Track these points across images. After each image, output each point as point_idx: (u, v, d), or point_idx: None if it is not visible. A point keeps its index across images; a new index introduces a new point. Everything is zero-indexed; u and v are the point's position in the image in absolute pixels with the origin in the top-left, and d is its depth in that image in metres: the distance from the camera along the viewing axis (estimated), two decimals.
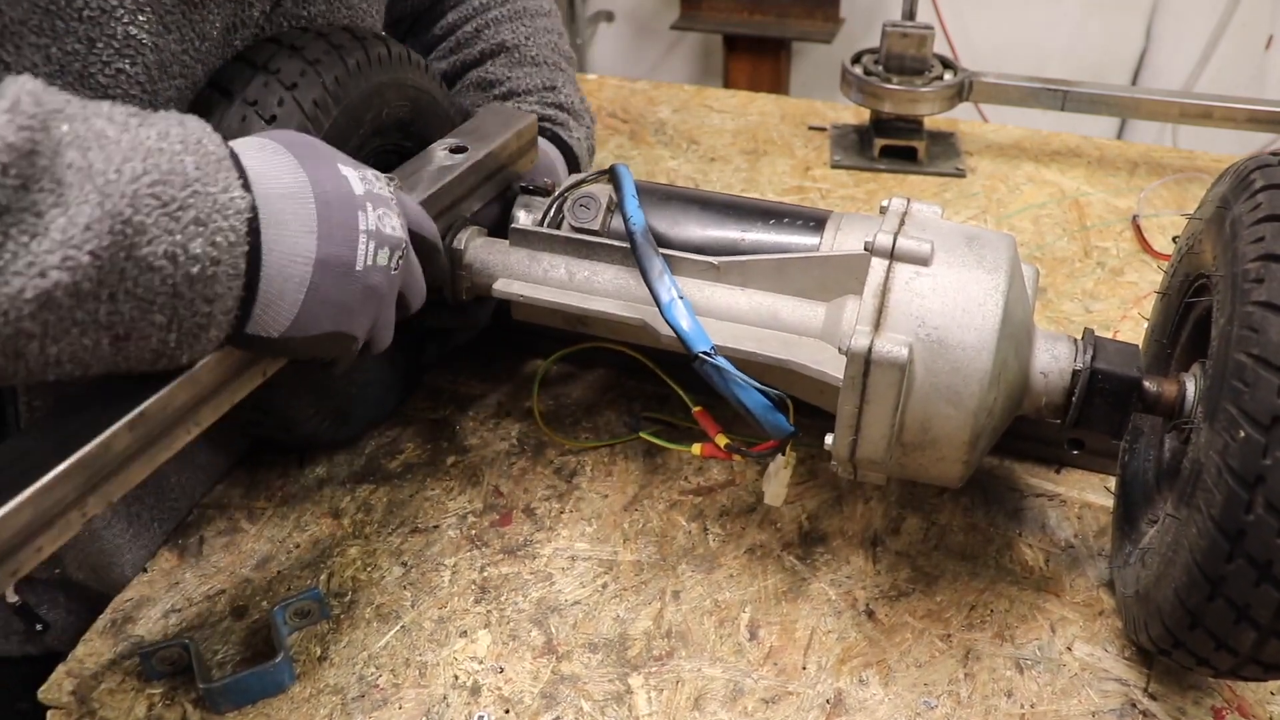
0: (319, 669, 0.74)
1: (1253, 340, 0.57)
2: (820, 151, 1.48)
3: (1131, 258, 1.23)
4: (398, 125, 0.87)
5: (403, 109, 0.87)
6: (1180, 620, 0.62)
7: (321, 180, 0.62)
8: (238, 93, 0.73)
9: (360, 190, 0.65)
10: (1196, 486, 0.60)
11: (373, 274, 0.64)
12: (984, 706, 0.72)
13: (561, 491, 0.90)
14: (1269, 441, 0.55)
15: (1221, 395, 0.59)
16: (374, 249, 0.64)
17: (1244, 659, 0.61)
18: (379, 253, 0.65)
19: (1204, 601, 0.60)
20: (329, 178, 0.63)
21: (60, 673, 0.74)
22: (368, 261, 0.63)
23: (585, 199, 0.84)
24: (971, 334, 0.69)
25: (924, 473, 0.74)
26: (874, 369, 0.68)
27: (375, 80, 0.82)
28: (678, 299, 0.73)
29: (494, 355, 1.07)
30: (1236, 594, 0.58)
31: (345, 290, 0.62)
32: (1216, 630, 0.60)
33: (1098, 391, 0.72)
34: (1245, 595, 0.58)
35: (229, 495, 0.89)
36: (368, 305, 0.66)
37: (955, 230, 0.74)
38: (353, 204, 0.63)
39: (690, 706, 0.72)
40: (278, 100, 0.74)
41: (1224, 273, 0.64)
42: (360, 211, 0.63)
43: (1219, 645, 0.61)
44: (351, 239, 0.62)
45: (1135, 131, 2.80)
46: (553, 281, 0.82)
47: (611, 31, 3.43)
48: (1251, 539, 0.56)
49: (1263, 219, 0.61)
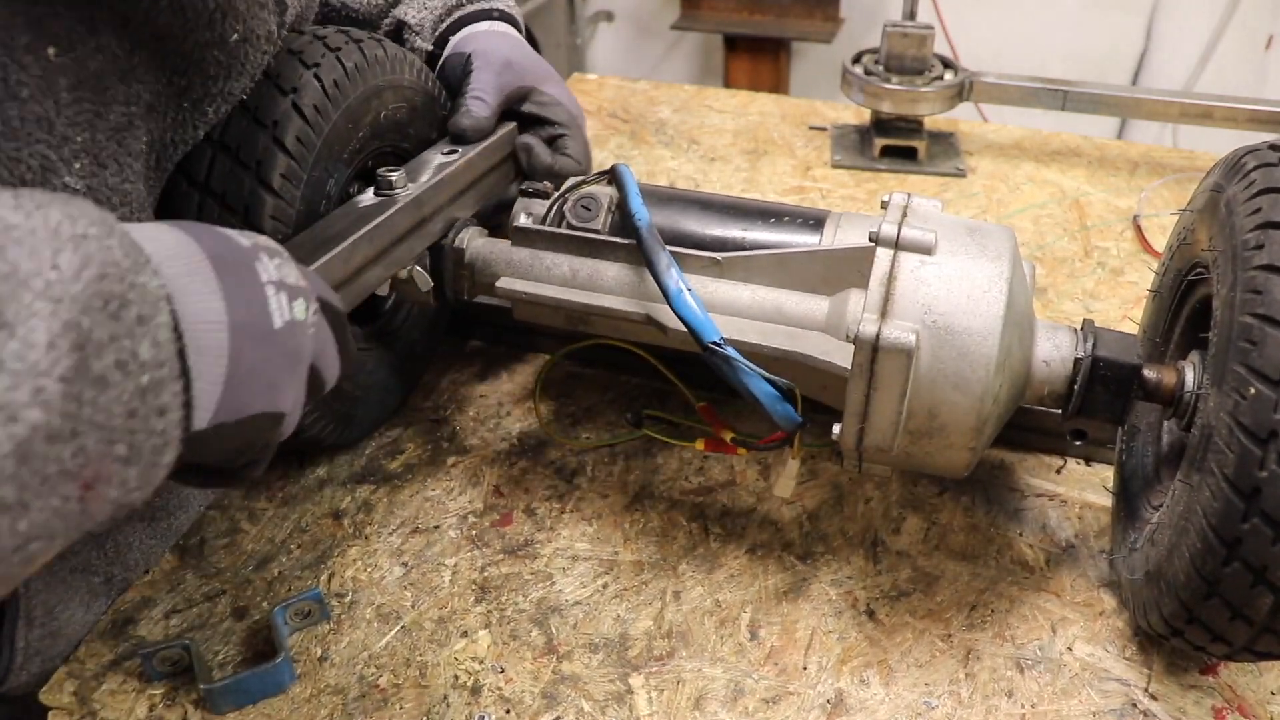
0: (319, 669, 0.74)
1: (1257, 301, 0.59)
2: (821, 151, 1.48)
3: (1132, 258, 1.23)
4: (395, 127, 0.87)
5: (400, 110, 0.87)
6: (1195, 591, 0.62)
7: (200, 235, 0.50)
8: None
9: (247, 243, 0.53)
10: (1207, 450, 0.60)
11: (295, 332, 0.53)
12: (984, 706, 0.72)
13: (562, 491, 0.90)
14: (1279, 397, 0.56)
15: (1229, 358, 0.60)
16: (286, 301, 0.52)
17: (1260, 629, 0.61)
18: (294, 305, 0.53)
19: (1219, 566, 0.59)
20: (205, 232, 0.51)
21: (61, 674, 0.74)
22: (285, 317, 0.52)
23: (587, 200, 0.84)
24: (977, 320, 0.69)
25: (930, 461, 0.74)
26: (881, 355, 0.68)
27: (374, 83, 0.83)
28: (686, 291, 0.73)
29: (494, 355, 1.07)
30: (1253, 555, 0.58)
31: (268, 357, 0.50)
32: (1233, 598, 0.60)
33: (1099, 379, 0.73)
34: (1262, 556, 0.57)
35: (229, 496, 0.89)
36: (296, 371, 0.53)
37: (956, 222, 0.75)
38: (245, 254, 0.52)
39: (691, 706, 0.72)
40: (277, 106, 0.75)
41: (1222, 248, 0.66)
42: (256, 262, 0.52)
43: (1235, 615, 0.61)
44: (259, 295, 0.51)
45: (1135, 131, 2.80)
46: (556, 279, 0.82)
47: (611, 31, 3.43)
48: (1267, 496, 0.56)
49: (1258, 193, 0.63)
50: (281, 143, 0.75)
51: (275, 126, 0.75)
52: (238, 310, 0.48)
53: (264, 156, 0.74)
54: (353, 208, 0.79)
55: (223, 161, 0.74)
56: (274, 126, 0.75)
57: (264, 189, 0.74)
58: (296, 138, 0.76)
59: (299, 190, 0.77)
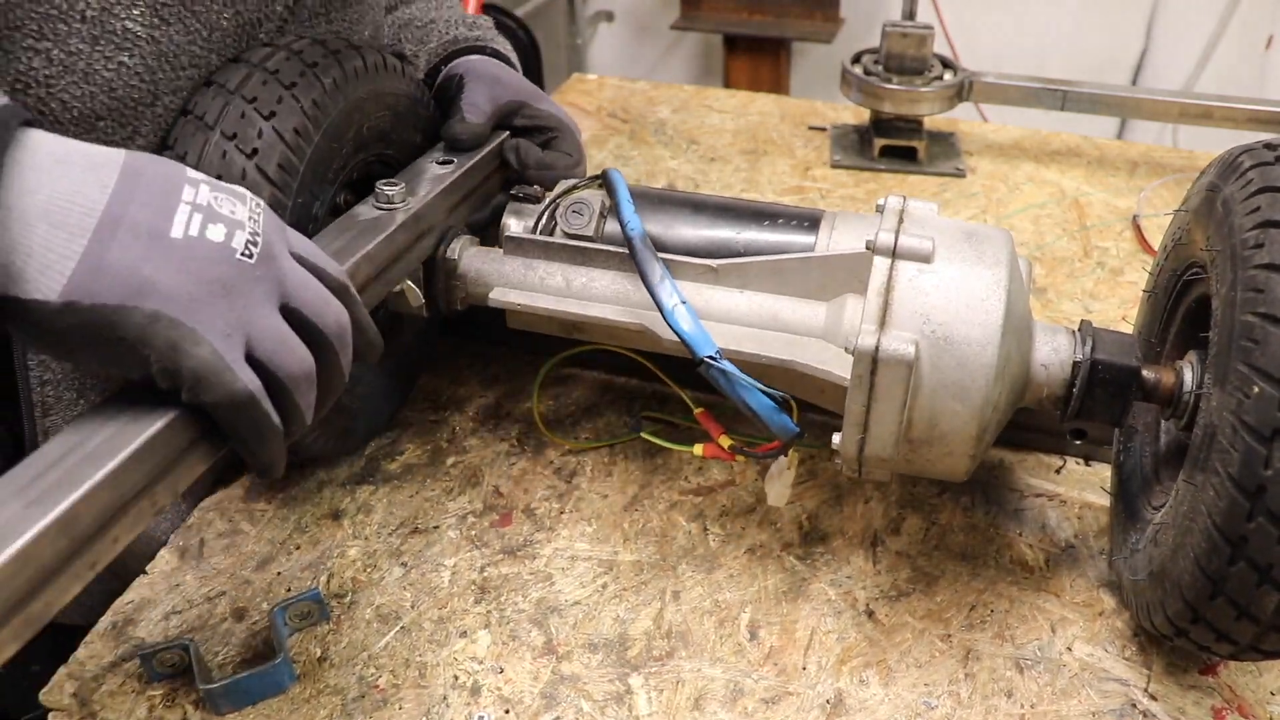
0: (319, 670, 0.74)
1: (1259, 300, 0.59)
2: (820, 151, 1.48)
3: (1131, 258, 1.23)
4: (379, 136, 0.85)
5: (383, 119, 0.84)
6: (1200, 590, 0.62)
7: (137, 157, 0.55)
8: (215, 124, 0.71)
9: (193, 174, 0.57)
10: (1211, 449, 0.60)
11: (199, 249, 0.55)
12: (984, 706, 0.72)
13: (561, 492, 0.90)
14: None
15: (1231, 357, 0.60)
16: (201, 221, 0.55)
17: (1266, 627, 0.61)
18: (209, 227, 0.55)
19: (1224, 566, 0.59)
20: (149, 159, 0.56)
21: (61, 675, 0.74)
22: (190, 233, 0.55)
23: (578, 205, 0.84)
24: (976, 329, 0.69)
25: (930, 468, 0.74)
26: (881, 367, 0.68)
27: (354, 96, 0.79)
28: (680, 304, 0.73)
29: (494, 356, 1.07)
30: (1259, 554, 0.58)
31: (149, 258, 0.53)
32: (1238, 597, 0.60)
33: (1098, 382, 0.73)
34: (1268, 555, 0.57)
35: (229, 497, 0.89)
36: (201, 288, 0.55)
37: (953, 227, 0.74)
38: (174, 178, 0.56)
39: (690, 707, 0.72)
40: (257, 132, 0.72)
41: (1220, 248, 0.66)
42: (185, 185, 0.56)
43: (1240, 614, 0.61)
44: (165, 205, 0.55)
45: (1135, 131, 2.80)
46: (549, 289, 0.82)
47: (611, 31, 3.43)
48: (1272, 494, 0.56)
49: (1256, 192, 0.63)
50: (264, 171, 0.72)
51: (256, 155, 0.71)
52: (122, 206, 0.53)
53: (250, 187, 0.70)
54: (351, 222, 0.77)
55: None
56: (254, 155, 0.71)
57: None
58: (279, 165, 0.73)
59: (285, 217, 0.73)
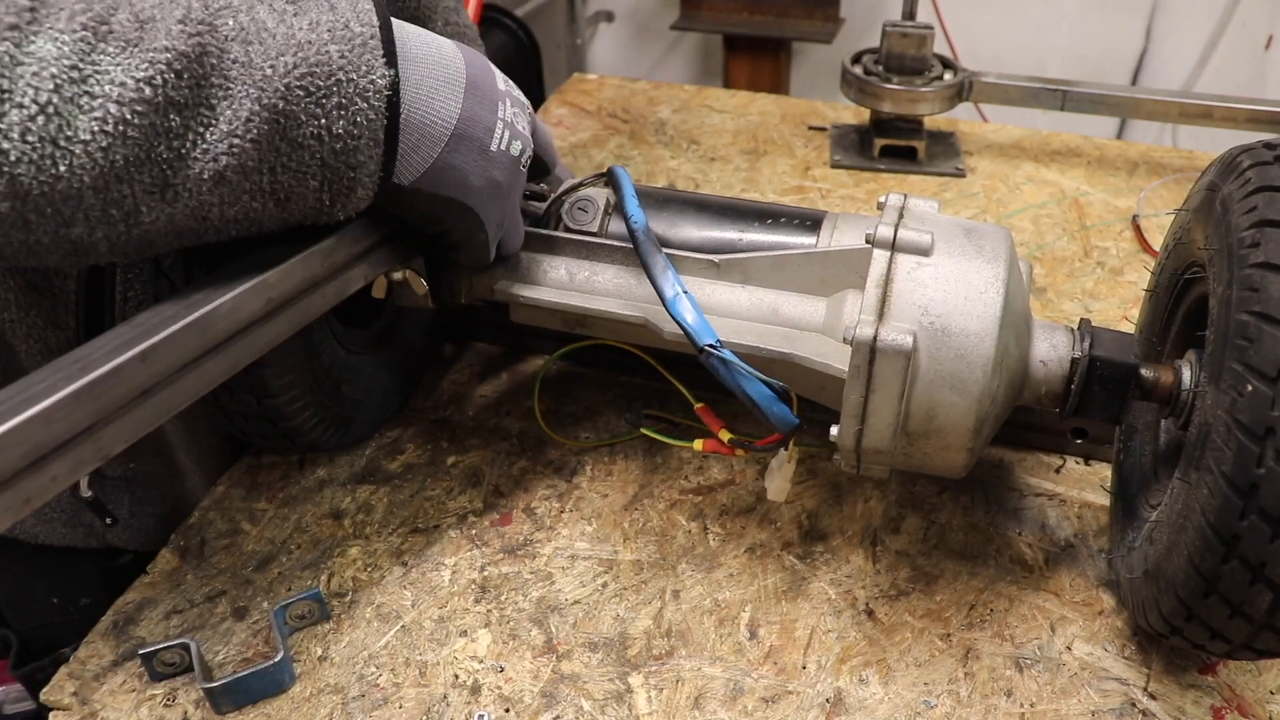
0: (319, 669, 0.75)
1: (1254, 299, 0.59)
2: (820, 151, 1.48)
3: (1131, 258, 1.23)
4: None
5: None
6: (1194, 589, 0.62)
7: (473, 61, 0.69)
8: None
9: (502, 86, 0.72)
10: (1205, 447, 0.61)
11: (501, 160, 0.70)
12: (984, 706, 0.72)
13: (561, 491, 0.90)
14: (1276, 394, 0.56)
15: (1225, 355, 0.60)
16: (508, 137, 0.71)
17: (1259, 626, 0.61)
18: (511, 143, 0.71)
19: (1218, 564, 0.59)
20: (481, 66, 0.70)
21: (62, 674, 0.74)
22: (501, 146, 0.70)
23: (583, 202, 0.84)
24: (974, 321, 0.69)
25: (928, 462, 0.74)
26: (879, 357, 0.68)
27: None
28: (682, 294, 0.74)
29: (494, 355, 1.07)
30: (1251, 552, 0.58)
31: (475, 165, 0.68)
32: (1231, 595, 0.60)
33: (1096, 379, 0.73)
34: (1261, 552, 0.57)
35: (230, 497, 0.90)
36: (494, 190, 0.71)
37: (953, 223, 0.75)
38: (496, 93, 0.70)
39: (690, 706, 0.72)
40: None
41: (1218, 246, 0.66)
42: (501, 102, 0.70)
43: (1234, 612, 0.61)
44: (490, 122, 0.69)
45: (1135, 131, 2.80)
46: (553, 283, 0.82)
47: (611, 31, 3.43)
48: (1265, 493, 0.56)
49: (1254, 191, 0.63)
50: None
51: None
52: (465, 123, 0.67)
53: None
54: None
55: None
56: None
57: None
58: None
59: None
